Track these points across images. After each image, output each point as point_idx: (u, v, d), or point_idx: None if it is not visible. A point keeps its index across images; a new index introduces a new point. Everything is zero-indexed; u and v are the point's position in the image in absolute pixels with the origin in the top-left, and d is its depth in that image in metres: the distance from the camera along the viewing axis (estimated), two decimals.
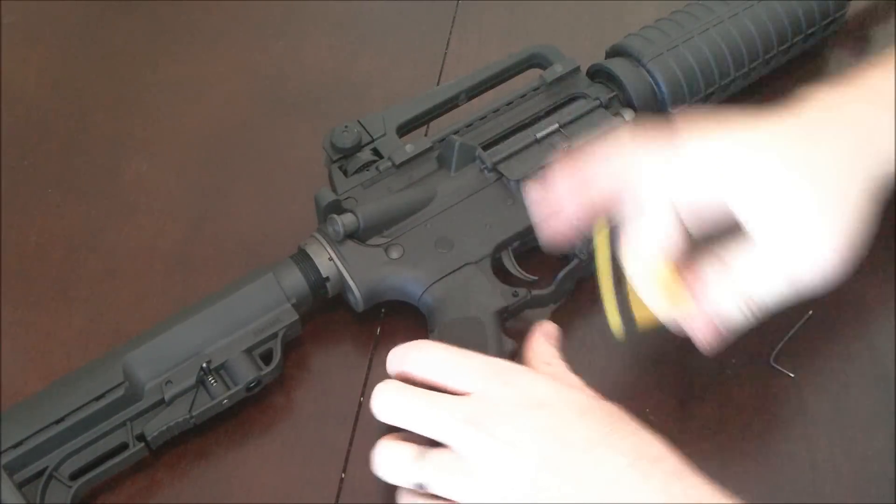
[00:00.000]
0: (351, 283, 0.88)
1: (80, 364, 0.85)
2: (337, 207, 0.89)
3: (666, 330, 0.91)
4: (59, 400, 0.82)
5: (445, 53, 1.12)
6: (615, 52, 0.99)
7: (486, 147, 0.93)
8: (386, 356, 0.90)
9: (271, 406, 0.88)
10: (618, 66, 0.97)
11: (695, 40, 0.97)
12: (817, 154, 0.76)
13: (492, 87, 0.99)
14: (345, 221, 0.88)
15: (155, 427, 0.83)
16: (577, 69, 0.98)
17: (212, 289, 0.88)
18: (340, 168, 0.92)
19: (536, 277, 0.91)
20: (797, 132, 0.77)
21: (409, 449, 0.74)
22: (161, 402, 0.83)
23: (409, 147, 0.93)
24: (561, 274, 0.89)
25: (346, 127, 0.93)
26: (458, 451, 0.72)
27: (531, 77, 0.99)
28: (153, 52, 1.13)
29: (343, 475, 0.85)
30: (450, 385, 0.75)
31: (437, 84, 1.08)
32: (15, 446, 0.80)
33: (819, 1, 1.02)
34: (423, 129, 1.00)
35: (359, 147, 0.93)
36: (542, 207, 0.82)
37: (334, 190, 0.91)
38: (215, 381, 0.84)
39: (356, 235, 0.89)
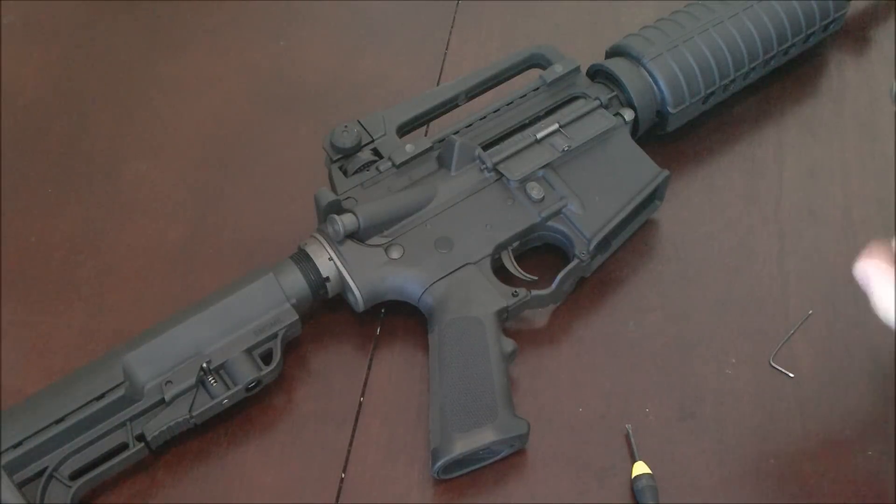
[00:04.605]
0: (351, 283, 0.88)
1: (80, 364, 0.85)
2: (337, 207, 0.89)
3: (664, 330, 0.92)
4: (59, 400, 0.82)
5: (445, 53, 1.12)
6: (615, 52, 0.99)
7: (486, 147, 0.93)
8: (386, 356, 0.91)
9: (271, 406, 0.88)
10: (618, 66, 0.97)
11: (695, 40, 0.97)
12: None
13: (492, 87, 0.99)
14: (345, 221, 0.88)
15: (155, 427, 0.83)
16: (577, 69, 0.98)
17: (212, 289, 0.88)
18: (340, 168, 0.92)
19: (536, 277, 0.91)
20: None
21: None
22: (161, 402, 0.83)
23: (409, 147, 0.93)
24: (561, 274, 0.90)
25: (346, 127, 0.93)
26: None
27: (531, 77, 0.99)
28: (153, 52, 1.13)
29: (343, 475, 0.85)
30: None
31: (437, 84, 1.08)
32: (15, 446, 0.80)
33: (819, 1, 1.02)
34: (423, 129, 1.00)
35: (359, 147, 0.93)
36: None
37: (334, 190, 0.91)
38: (215, 381, 0.84)
39: (356, 235, 0.89)
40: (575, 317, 0.92)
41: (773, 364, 0.89)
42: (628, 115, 0.96)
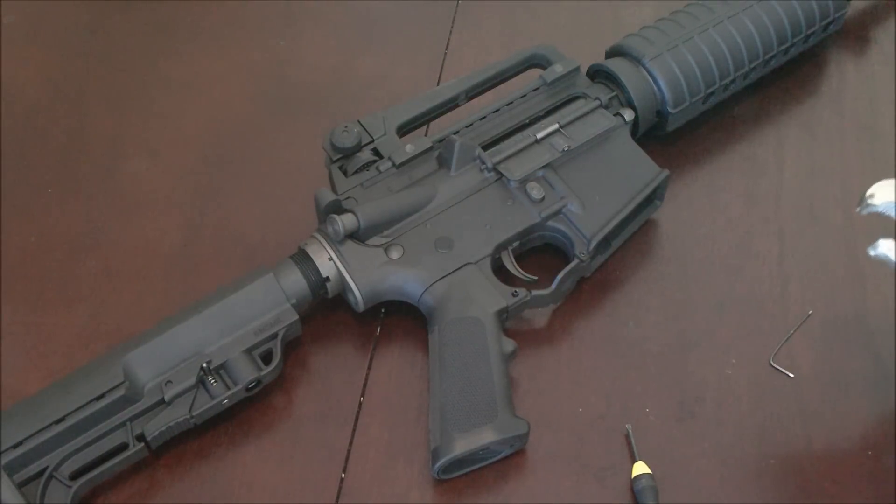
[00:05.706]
0: (351, 283, 0.88)
1: (80, 364, 0.85)
2: (337, 207, 0.89)
3: (664, 330, 0.92)
4: (59, 400, 0.82)
5: (445, 53, 1.12)
6: (615, 53, 0.99)
7: (486, 147, 0.93)
8: (386, 356, 0.91)
9: (271, 406, 0.88)
10: (618, 66, 0.97)
11: (695, 40, 0.97)
12: None
13: (492, 87, 0.99)
14: (345, 221, 0.88)
15: (155, 427, 0.83)
16: (577, 69, 0.98)
17: (212, 289, 0.88)
18: (340, 168, 0.92)
19: (536, 277, 0.91)
20: None
21: None
22: (161, 402, 0.83)
23: (409, 147, 0.93)
24: (561, 274, 0.89)
25: (346, 127, 0.93)
26: None
27: (531, 77, 0.99)
28: (153, 52, 1.13)
29: (343, 475, 0.85)
30: None
31: (437, 84, 1.08)
32: (15, 446, 0.80)
33: (819, 1, 1.02)
34: (423, 129, 1.00)
35: (359, 147, 0.93)
36: None
37: (334, 190, 0.91)
38: (215, 381, 0.84)
39: (356, 235, 0.89)
40: (575, 317, 0.92)
41: (773, 364, 0.89)
42: (628, 115, 0.96)
